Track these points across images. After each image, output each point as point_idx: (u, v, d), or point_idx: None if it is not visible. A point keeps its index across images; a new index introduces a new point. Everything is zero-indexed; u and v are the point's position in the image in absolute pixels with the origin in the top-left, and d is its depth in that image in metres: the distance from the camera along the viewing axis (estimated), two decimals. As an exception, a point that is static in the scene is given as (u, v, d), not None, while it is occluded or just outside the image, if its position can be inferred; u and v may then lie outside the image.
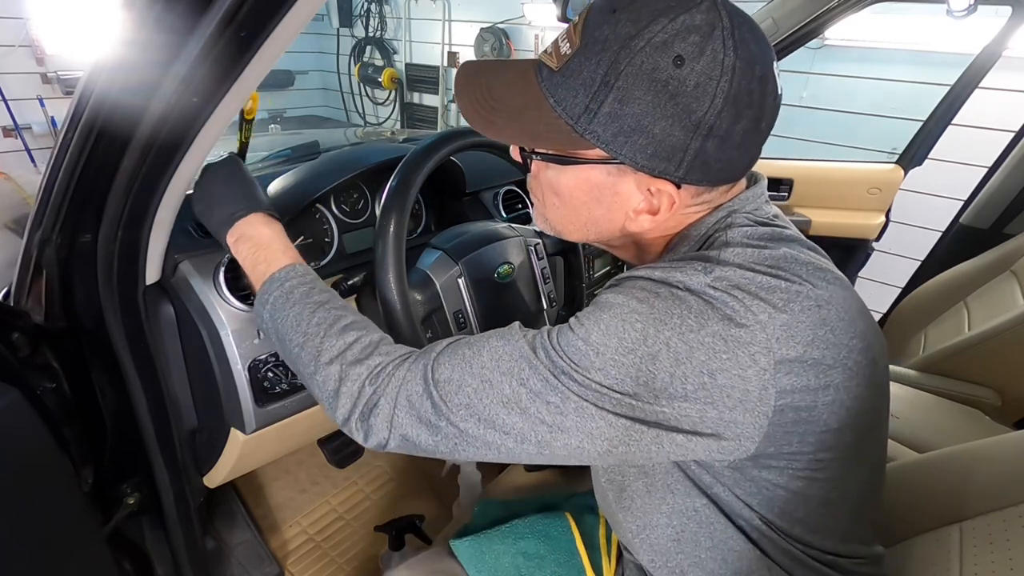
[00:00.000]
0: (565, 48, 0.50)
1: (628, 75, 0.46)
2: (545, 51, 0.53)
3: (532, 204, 0.64)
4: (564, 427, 0.48)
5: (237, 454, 0.85)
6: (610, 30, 0.47)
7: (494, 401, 0.50)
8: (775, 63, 0.50)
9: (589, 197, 0.55)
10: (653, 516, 0.60)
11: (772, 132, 0.52)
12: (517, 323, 0.56)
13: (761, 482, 0.52)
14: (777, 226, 0.55)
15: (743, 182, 0.57)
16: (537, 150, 0.56)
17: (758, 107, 0.48)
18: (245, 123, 0.74)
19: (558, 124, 0.51)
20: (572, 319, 0.51)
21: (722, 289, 0.47)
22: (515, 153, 0.59)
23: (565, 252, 1.07)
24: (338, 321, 0.59)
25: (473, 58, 3.83)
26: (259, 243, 0.66)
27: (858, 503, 0.58)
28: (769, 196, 0.58)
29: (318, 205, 0.95)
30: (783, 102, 0.51)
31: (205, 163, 0.70)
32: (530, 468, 0.81)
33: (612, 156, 0.50)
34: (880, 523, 0.64)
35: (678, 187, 0.51)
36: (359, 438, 0.56)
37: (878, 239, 1.89)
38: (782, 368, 0.47)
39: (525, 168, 0.60)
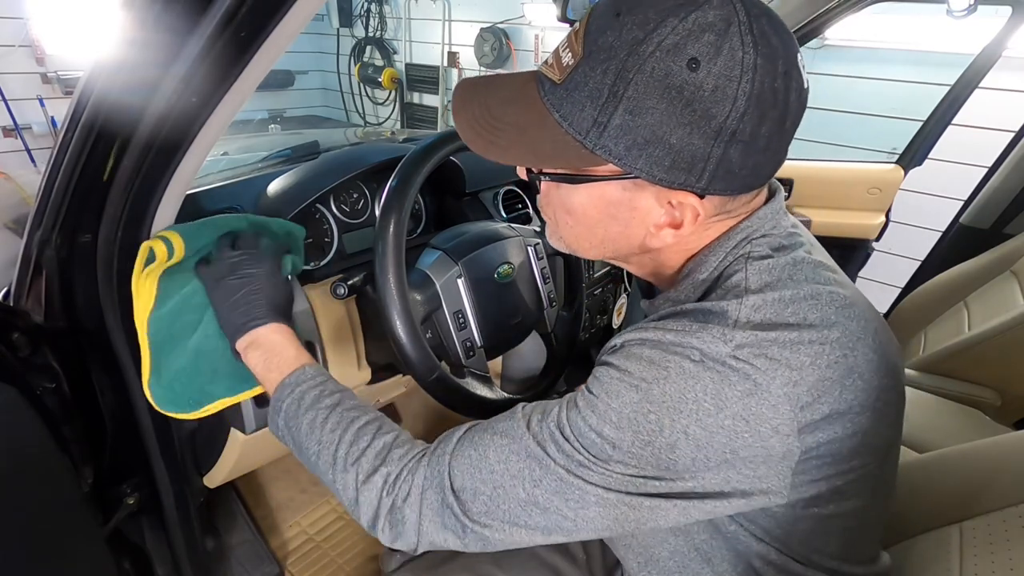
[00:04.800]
0: (567, 58, 0.47)
1: (638, 83, 0.43)
2: (545, 62, 0.50)
3: (544, 222, 0.61)
4: (588, 517, 0.48)
5: (237, 454, 0.85)
6: (614, 36, 0.44)
7: (512, 505, 0.50)
8: (799, 55, 0.46)
9: (604, 214, 0.52)
10: (656, 550, 0.60)
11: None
12: (520, 408, 0.54)
13: (781, 518, 0.52)
14: (796, 244, 0.52)
15: (764, 191, 0.54)
16: (545, 170, 0.53)
17: (783, 106, 0.45)
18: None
19: (566, 141, 0.47)
20: (580, 399, 0.49)
21: (744, 359, 0.45)
22: (522, 174, 0.56)
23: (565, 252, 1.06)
24: (351, 425, 0.57)
25: (473, 58, 3.85)
26: (270, 350, 0.65)
27: (875, 524, 0.58)
28: None
29: (318, 205, 0.95)
30: None
31: (241, 255, 0.67)
32: None
33: (627, 171, 0.47)
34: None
35: (701, 198, 0.48)
36: (387, 542, 0.55)
37: (878, 239, 1.89)
38: (807, 429, 0.46)
39: (534, 189, 0.57)
